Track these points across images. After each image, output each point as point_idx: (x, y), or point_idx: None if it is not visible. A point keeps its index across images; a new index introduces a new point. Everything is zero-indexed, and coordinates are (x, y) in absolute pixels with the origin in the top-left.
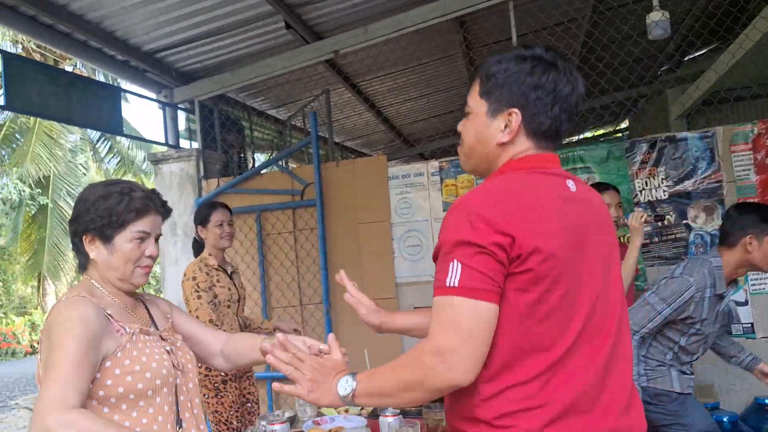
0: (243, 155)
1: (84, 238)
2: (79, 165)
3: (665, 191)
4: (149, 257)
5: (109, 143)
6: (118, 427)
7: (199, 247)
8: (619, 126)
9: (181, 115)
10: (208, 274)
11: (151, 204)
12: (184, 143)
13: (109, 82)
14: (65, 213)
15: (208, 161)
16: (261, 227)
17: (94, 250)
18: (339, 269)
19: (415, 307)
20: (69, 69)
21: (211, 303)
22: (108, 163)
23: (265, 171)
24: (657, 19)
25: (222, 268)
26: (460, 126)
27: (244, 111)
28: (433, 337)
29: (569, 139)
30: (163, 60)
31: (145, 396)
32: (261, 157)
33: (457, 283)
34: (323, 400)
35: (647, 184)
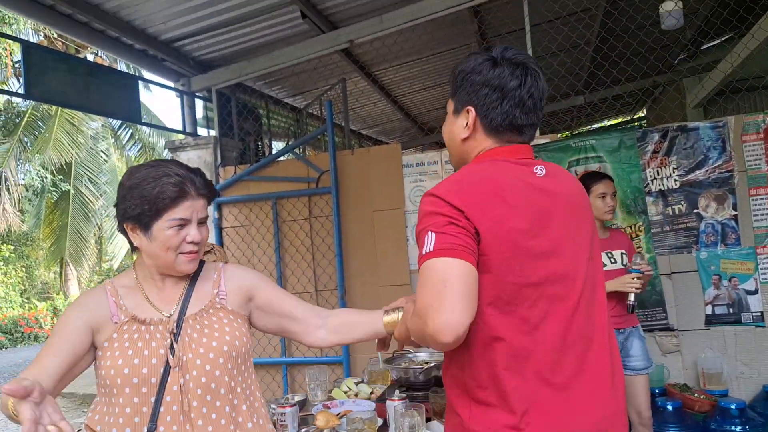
0: (260, 143)
1: (125, 225)
2: (101, 152)
3: (676, 180)
4: (192, 243)
5: (130, 131)
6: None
7: None
8: (634, 116)
9: (198, 104)
10: None
11: (189, 188)
12: (201, 131)
13: (129, 71)
14: (87, 199)
15: (225, 149)
16: (277, 214)
17: (137, 238)
18: (354, 256)
19: None
20: (90, 57)
21: None
22: (129, 150)
23: (282, 159)
24: (670, 8)
25: None
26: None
27: (261, 99)
28: (416, 300)
29: (583, 128)
30: (180, 49)
31: (123, 393)
32: (277, 145)
33: (432, 248)
34: None
35: (659, 174)
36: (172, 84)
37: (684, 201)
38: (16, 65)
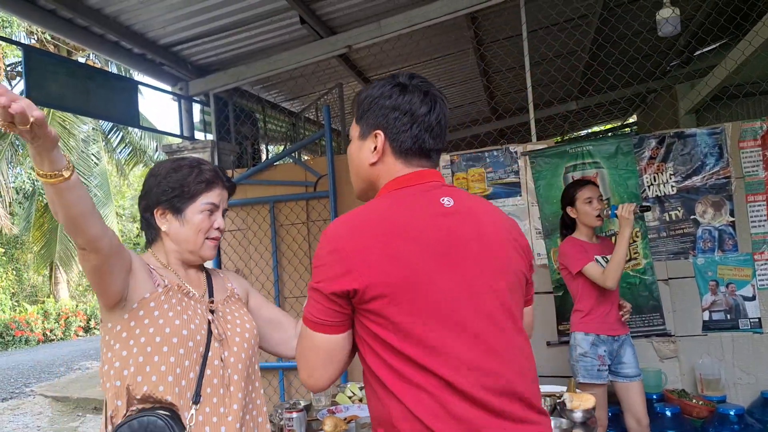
0: (257, 147)
1: (155, 211)
2: (92, 155)
3: (673, 186)
4: (217, 229)
5: (120, 134)
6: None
7: None
8: (627, 121)
9: (195, 108)
10: None
11: (219, 178)
12: (198, 135)
13: (122, 74)
14: None
15: (223, 152)
16: (275, 218)
17: (166, 223)
18: None
19: None
20: (82, 60)
21: None
22: (120, 153)
23: (279, 162)
24: (667, 15)
25: None
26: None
27: (258, 103)
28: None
29: (577, 134)
30: (179, 53)
31: (160, 351)
32: (274, 150)
33: (304, 311)
34: None
35: (655, 180)
36: (169, 88)
37: (681, 207)
38: (8, 68)
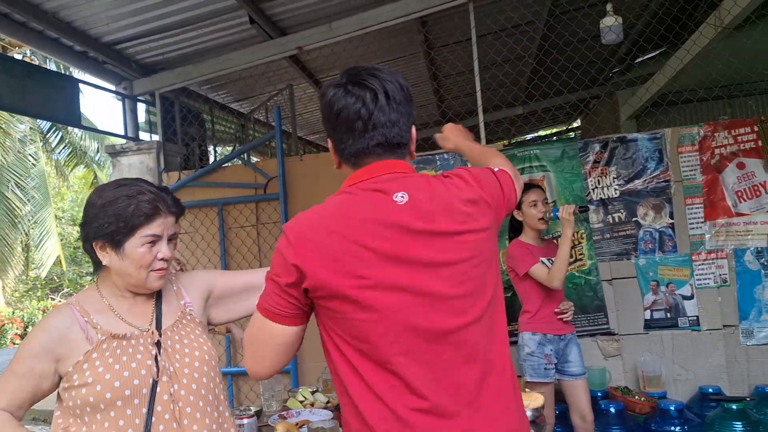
0: (204, 148)
1: (95, 244)
2: (29, 155)
3: (616, 190)
4: (162, 260)
5: (60, 133)
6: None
7: None
8: (571, 125)
9: (140, 108)
10: None
11: (161, 205)
12: (143, 136)
13: (63, 72)
14: (14, 205)
15: (169, 154)
16: (223, 221)
17: (106, 256)
18: None
19: None
20: (18, 57)
21: None
22: (59, 153)
23: (228, 164)
24: (610, 23)
25: None
26: None
27: (206, 104)
28: (245, 333)
29: (523, 138)
30: (122, 51)
31: (114, 406)
32: (222, 151)
33: (259, 299)
34: None
35: (599, 183)
36: (113, 87)
37: (623, 209)
38: None
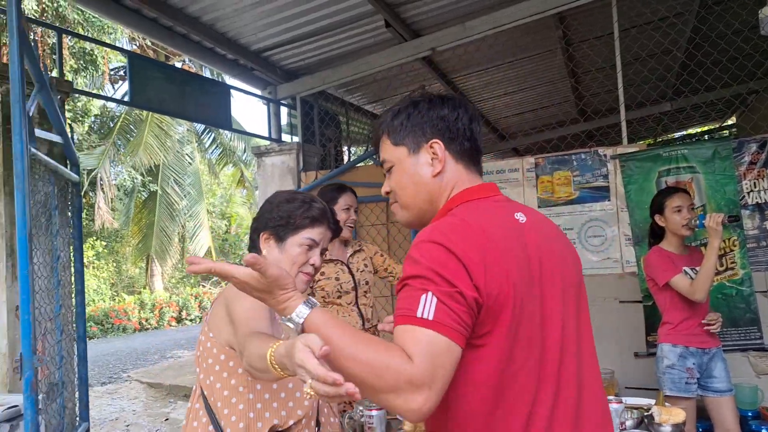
0: (339, 149)
1: (262, 235)
2: (186, 155)
3: None
4: (312, 266)
5: (213, 135)
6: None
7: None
8: (725, 123)
9: (282, 111)
10: None
11: (326, 218)
12: (285, 137)
13: (215, 79)
14: (172, 200)
15: (308, 154)
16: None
17: (267, 248)
18: None
19: None
20: (178, 65)
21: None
22: (211, 153)
23: (361, 164)
24: None
25: (329, 258)
26: (386, 186)
27: (342, 106)
28: (414, 364)
29: (671, 136)
30: (269, 58)
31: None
32: (356, 151)
33: (432, 316)
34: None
35: (755, 186)
36: (259, 92)
37: None
38: (111, 72)
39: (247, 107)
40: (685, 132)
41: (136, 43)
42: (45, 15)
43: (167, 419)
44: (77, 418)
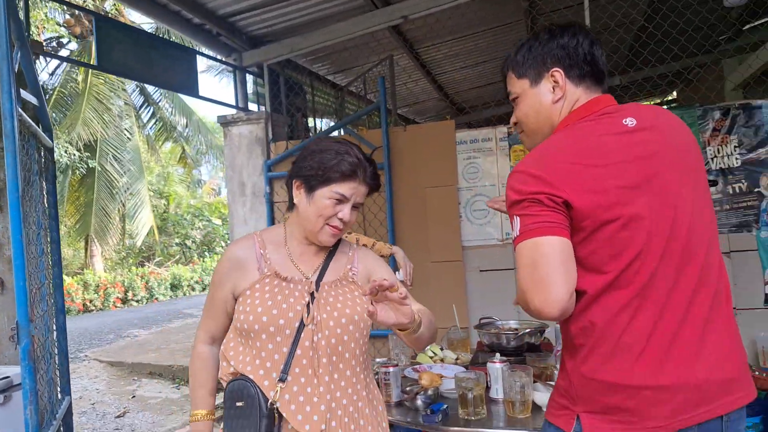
0: (305, 120)
1: (294, 182)
2: (125, 130)
3: (737, 159)
4: (341, 220)
5: (152, 109)
6: (198, 376)
7: None
8: (665, 98)
9: (248, 79)
10: None
11: (360, 172)
12: (250, 107)
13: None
14: (112, 177)
15: (276, 124)
16: None
17: (298, 196)
18: (406, 232)
19: (481, 271)
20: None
21: None
22: (150, 128)
23: (333, 134)
24: None
25: None
26: (513, 118)
27: (307, 76)
28: (517, 282)
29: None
30: (235, 24)
31: (259, 338)
32: (321, 123)
33: (519, 231)
34: None
35: (719, 152)
36: (224, 59)
37: (745, 180)
38: (45, 42)
39: (206, 79)
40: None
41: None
42: None
43: (134, 396)
44: (59, 392)
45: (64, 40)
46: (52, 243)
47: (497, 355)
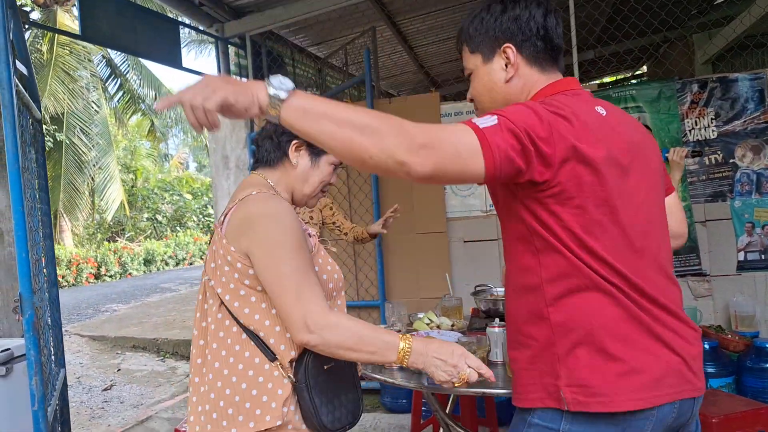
0: None
1: (293, 142)
2: (92, 102)
3: (714, 131)
4: (330, 185)
5: (119, 81)
6: (366, 324)
7: None
8: (635, 72)
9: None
10: None
11: None
12: None
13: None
14: (80, 150)
15: None
16: None
17: (298, 157)
18: (391, 203)
19: (465, 241)
20: None
21: None
22: (117, 101)
23: None
24: None
25: None
26: (469, 94)
27: (288, 48)
28: (425, 132)
29: (600, 81)
30: None
31: (340, 296)
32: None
33: (483, 127)
34: (241, 96)
35: (696, 124)
36: (205, 29)
37: (721, 151)
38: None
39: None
40: (600, 81)
41: None
42: None
43: (119, 369)
44: (54, 365)
45: (27, 9)
46: (43, 216)
47: (496, 320)
